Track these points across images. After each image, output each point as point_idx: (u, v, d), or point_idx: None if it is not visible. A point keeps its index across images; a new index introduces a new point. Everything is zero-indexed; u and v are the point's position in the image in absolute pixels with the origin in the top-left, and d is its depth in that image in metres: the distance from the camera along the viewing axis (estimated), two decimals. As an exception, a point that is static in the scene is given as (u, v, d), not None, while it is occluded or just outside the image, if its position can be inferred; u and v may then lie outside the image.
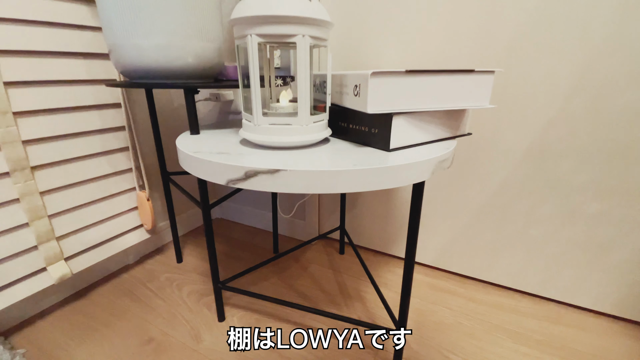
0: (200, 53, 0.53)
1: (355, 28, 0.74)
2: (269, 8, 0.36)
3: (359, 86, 0.41)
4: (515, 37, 0.61)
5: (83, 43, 0.64)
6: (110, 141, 0.72)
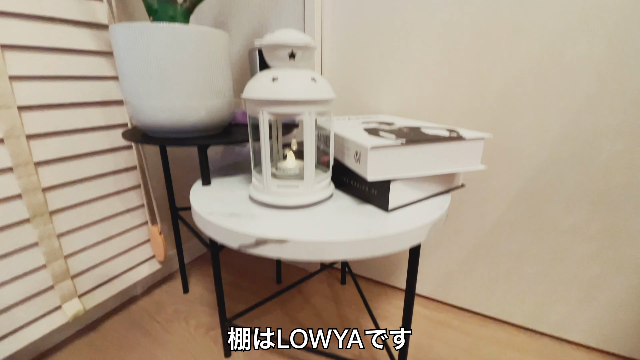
0: (212, 109, 0.57)
1: (357, 74, 0.79)
2: (278, 93, 0.40)
3: (359, 153, 0.45)
4: (506, 88, 0.65)
5: (101, 92, 0.68)
6: (123, 181, 0.75)
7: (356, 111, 0.82)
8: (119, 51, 0.52)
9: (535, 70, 0.62)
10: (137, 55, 0.50)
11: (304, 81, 0.42)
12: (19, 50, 0.56)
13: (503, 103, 0.66)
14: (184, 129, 0.56)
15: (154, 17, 0.56)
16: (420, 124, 0.60)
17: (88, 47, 0.64)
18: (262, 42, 0.42)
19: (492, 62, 0.65)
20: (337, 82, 0.82)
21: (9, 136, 0.56)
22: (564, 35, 0.59)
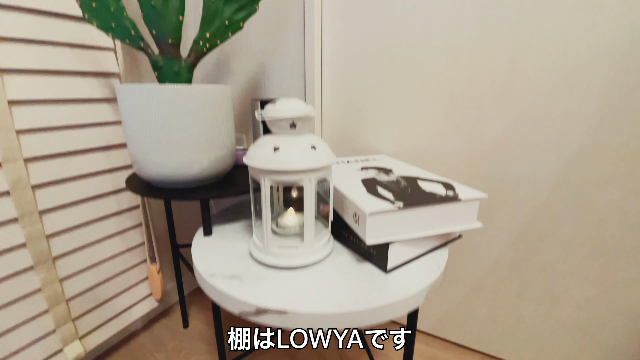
0: (215, 161, 0.59)
1: (356, 115, 0.80)
2: (280, 163, 0.41)
3: (358, 216, 0.46)
4: (501, 135, 0.67)
5: (105, 137, 0.69)
6: (125, 221, 0.76)
7: (355, 150, 0.83)
8: (126, 110, 0.53)
9: (528, 120, 0.64)
10: (143, 115, 0.52)
11: (304, 150, 0.43)
12: (25, 104, 0.57)
13: (498, 149, 0.68)
14: (186, 180, 0.57)
15: (159, 73, 0.58)
16: (418, 172, 0.61)
17: (94, 96, 0.66)
18: (265, 113, 0.43)
19: (487, 109, 0.67)
20: (336, 122, 0.83)
21: (15, 188, 0.57)
22: (556, 87, 0.60)
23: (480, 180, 0.71)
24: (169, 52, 0.57)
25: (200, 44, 0.59)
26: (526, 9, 0.60)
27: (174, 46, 0.57)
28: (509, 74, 0.63)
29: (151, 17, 0.55)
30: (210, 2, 0.58)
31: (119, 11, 0.53)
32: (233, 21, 0.60)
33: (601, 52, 0.57)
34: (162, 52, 0.57)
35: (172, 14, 0.56)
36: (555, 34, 0.59)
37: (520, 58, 0.62)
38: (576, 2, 0.57)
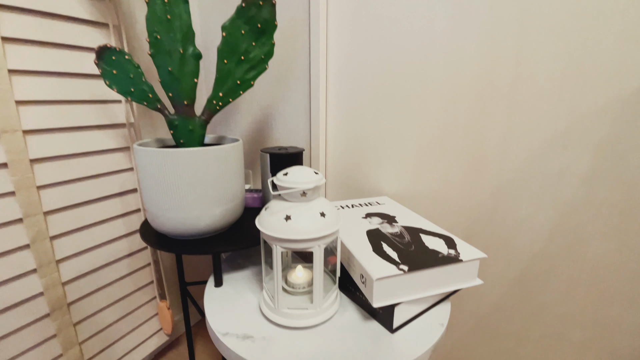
0: (226, 213, 0.61)
1: (358, 158, 0.83)
2: (291, 232, 0.44)
3: (365, 278, 0.48)
4: (500, 183, 0.70)
5: (119, 184, 0.72)
6: (136, 262, 0.79)
7: (358, 190, 0.86)
8: (142, 169, 0.56)
9: (526, 171, 0.67)
10: (159, 175, 0.55)
11: (314, 218, 0.46)
12: (46, 161, 0.60)
13: (498, 195, 0.70)
14: (198, 233, 0.60)
15: (174, 131, 0.61)
16: (420, 222, 0.64)
17: (110, 146, 0.69)
18: (277, 182, 0.46)
19: (487, 158, 0.70)
20: (340, 163, 0.86)
21: (34, 241, 0.59)
22: (552, 143, 0.64)
23: (480, 224, 0.74)
24: (184, 112, 0.61)
25: (213, 102, 0.62)
26: (522, 70, 0.63)
27: (189, 106, 0.61)
28: (507, 127, 0.66)
29: (168, 82, 0.58)
30: (223, 64, 0.61)
31: (138, 77, 0.57)
32: (244, 80, 0.64)
33: (595, 113, 0.60)
34: (177, 112, 0.60)
35: (187, 78, 0.59)
36: (552, 92, 0.62)
37: (517, 113, 0.65)
38: (571, 64, 0.60)
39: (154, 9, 0.55)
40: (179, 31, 0.57)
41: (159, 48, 0.56)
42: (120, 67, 0.56)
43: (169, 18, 0.56)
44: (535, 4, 0.60)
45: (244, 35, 0.61)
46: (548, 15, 0.60)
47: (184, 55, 0.58)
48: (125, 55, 0.56)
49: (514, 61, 0.63)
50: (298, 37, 0.81)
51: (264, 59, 0.64)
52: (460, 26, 0.66)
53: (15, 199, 0.56)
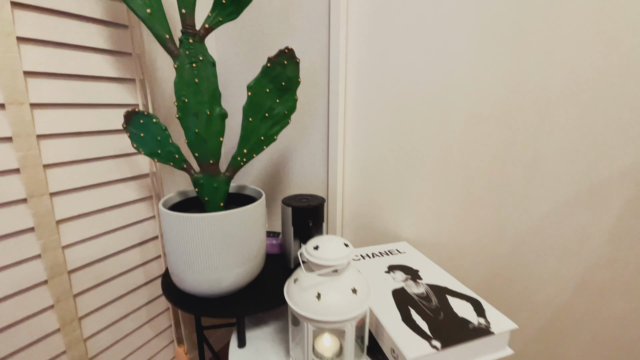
0: (249, 271, 0.61)
1: (376, 200, 0.83)
2: (323, 313, 0.44)
3: (397, 353, 0.48)
4: (524, 234, 0.69)
5: (140, 234, 0.72)
6: (154, 308, 0.78)
7: (376, 235, 0.85)
8: (167, 231, 0.56)
9: (550, 225, 0.66)
10: (184, 239, 0.55)
11: (346, 296, 0.45)
12: (71, 220, 0.60)
13: (521, 247, 0.70)
14: (219, 292, 0.60)
15: (199, 189, 0.61)
16: (445, 280, 0.63)
17: (131, 198, 0.69)
18: (308, 257, 0.46)
19: (509, 209, 0.69)
20: (357, 206, 0.86)
21: (53, 276, 0.59)
22: (576, 200, 0.63)
23: (502, 276, 0.73)
24: (209, 170, 0.61)
25: (238, 159, 0.63)
26: (548, 126, 0.63)
27: (214, 164, 0.61)
28: (531, 179, 0.66)
29: (195, 142, 0.58)
30: (248, 122, 0.62)
31: (165, 139, 0.57)
32: (268, 135, 0.64)
33: (619, 174, 0.59)
34: (202, 171, 0.61)
35: (213, 138, 0.59)
36: (578, 151, 0.62)
37: (542, 167, 0.64)
38: (598, 124, 0.60)
39: (182, 74, 0.55)
40: (206, 93, 0.57)
41: (187, 111, 0.57)
42: (148, 130, 0.56)
43: (196, 82, 0.56)
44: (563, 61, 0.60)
45: (269, 94, 0.62)
46: (577, 69, 0.59)
47: (210, 116, 0.58)
48: (153, 119, 0.56)
49: (539, 114, 0.63)
50: (317, 81, 0.81)
51: (287, 114, 0.64)
52: (481, 72, 0.66)
53: (41, 260, 0.56)
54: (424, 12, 0.68)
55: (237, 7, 0.56)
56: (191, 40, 0.55)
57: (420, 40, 0.69)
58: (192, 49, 0.55)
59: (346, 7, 0.75)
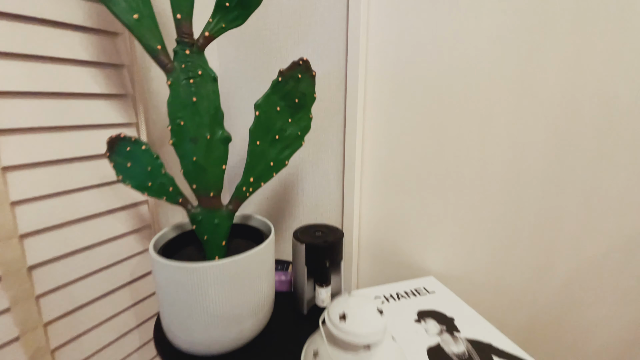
0: (255, 323, 0.51)
1: (396, 229, 0.73)
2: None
3: None
4: (573, 276, 0.59)
5: (131, 271, 0.63)
6: (147, 354, 0.69)
7: (400, 269, 0.75)
8: (161, 283, 0.47)
9: (602, 272, 0.56)
10: (180, 292, 0.45)
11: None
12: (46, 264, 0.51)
13: (569, 289, 0.59)
14: (221, 351, 0.50)
15: (197, 227, 0.52)
16: (487, 333, 0.53)
17: (122, 231, 0.60)
18: (332, 329, 0.36)
19: (559, 243, 0.59)
20: (378, 237, 0.76)
21: (25, 331, 0.49)
22: (636, 240, 0.53)
23: (546, 321, 0.63)
24: (209, 204, 0.51)
25: (243, 189, 0.53)
26: (604, 163, 0.53)
27: (215, 197, 0.52)
28: (583, 217, 0.56)
29: (192, 173, 0.49)
30: (255, 146, 0.52)
31: (157, 169, 0.48)
32: (278, 160, 0.55)
33: None
34: (201, 205, 0.51)
35: (214, 166, 0.50)
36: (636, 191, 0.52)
37: (599, 204, 0.54)
38: None
39: (177, 92, 0.46)
40: (206, 114, 0.48)
41: (183, 136, 0.47)
42: (136, 159, 0.47)
43: (194, 101, 0.47)
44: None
45: (279, 112, 0.52)
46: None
47: (211, 140, 0.49)
48: (141, 146, 0.47)
49: (598, 141, 0.53)
50: (332, 93, 0.72)
51: (300, 135, 0.55)
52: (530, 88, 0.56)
53: (10, 314, 0.47)
54: (464, 12, 0.58)
55: (243, 11, 0.47)
56: (188, 51, 0.46)
57: (457, 46, 0.59)
58: (189, 61, 0.46)
59: (367, 9, 0.65)
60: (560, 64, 0.53)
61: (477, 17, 0.57)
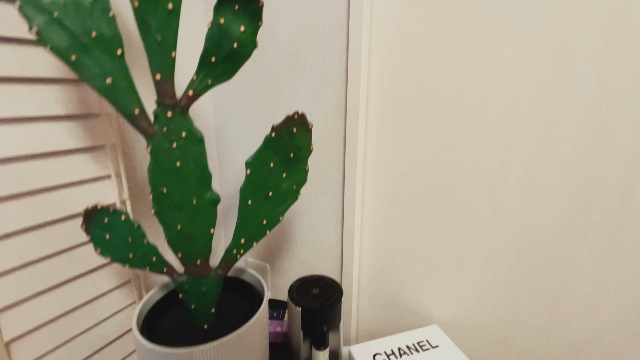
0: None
1: (397, 270, 0.70)
2: None
3: None
4: (587, 337, 0.55)
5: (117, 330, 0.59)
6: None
7: (400, 315, 0.72)
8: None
9: (619, 327, 0.52)
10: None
11: None
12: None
13: (582, 348, 0.56)
14: None
15: (184, 295, 0.48)
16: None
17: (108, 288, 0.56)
18: None
19: (573, 300, 0.55)
20: (377, 276, 0.72)
21: None
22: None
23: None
24: (197, 271, 0.47)
25: (233, 252, 0.49)
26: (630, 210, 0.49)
27: (203, 264, 0.48)
28: (604, 272, 0.52)
29: (176, 241, 0.45)
30: (247, 206, 0.48)
31: (138, 239, 0.44)
32: (272, 217, 0.50)
33: None
34: (187, 272, 0.47)
35: (202, 232, 0.46)
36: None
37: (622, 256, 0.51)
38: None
39: (158, 158, 0.41)
40: (192, 177, 0.44)
41: (166, 204, 0.43)
42: (115, 230, 0.43)
43: (178, 166, 0.42)
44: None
45: (273, 168, 0.48)
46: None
47: (197, 205, 0.45)
48: (121, 216, 0.43)
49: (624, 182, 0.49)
50: (329, 131, 0.67)
51: (296, 189, 0.51)
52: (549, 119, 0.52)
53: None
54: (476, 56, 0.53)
55: (231, 66, 0.43)
56: (170, 113, 0.41)
57: (467, 89, 0.55)
58: (171, 124, 0.41)
59: (368, 46, 0.60)
60: (581, 112, 0.49)
61: (490, 62, 0.52)
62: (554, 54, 0.48)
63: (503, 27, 0.50)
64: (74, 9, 0.34)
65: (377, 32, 0.60)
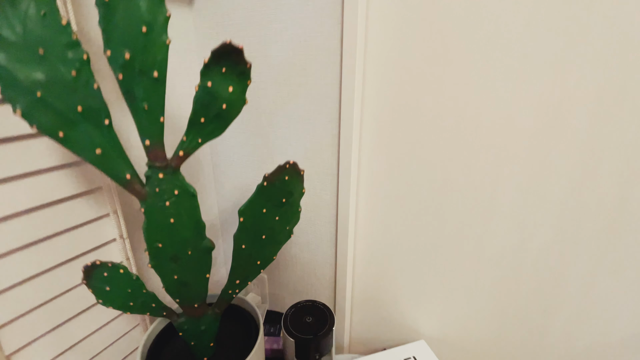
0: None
1: (386, 284, 0.73)
2: None
3: None
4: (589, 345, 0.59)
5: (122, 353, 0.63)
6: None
7: (393, 332, 0.76)
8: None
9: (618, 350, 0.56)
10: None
11: None
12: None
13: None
14: None
15: (183, 334, 0.51)
16: None
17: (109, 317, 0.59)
18: None
19: (558, 322, 0.59)
20: (367, 290, 0.76)
21: None
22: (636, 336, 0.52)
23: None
24: (194, 313, 0.50)
25: (229, 292, 0.52)
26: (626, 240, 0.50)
27: (200, 306, 0.50)
28: (582, 304, 0.55)
29: (174, 289, 0.47)
30: (241, 250, 0.50)
31: (137, 289, 0.46)
32: (266, 257, 0.52)
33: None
34: (186, 314, 0.50)
35: (198, 277, 0.48)
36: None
37: (625, 284, 0.53)
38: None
39: (152, 217, 0.43)
40: (186, 230, 0.45)
41: (162, 257, 0.45)
42: (115, 283, 0.45)
43: (172, 222, 0.44)
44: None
45: (266, 214, 0.49)
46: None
47: (192, 255, 0.46)
48: (119, 270, 0.44)
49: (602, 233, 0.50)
50: (323, 159, 0.68)
51: (289, 229, 0.52)
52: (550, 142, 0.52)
53: None
54: (471, 84, 0.52)
55: (221, 124, 0.42)
56: (162, 174, 0.42)
57: (464, 114, 0.55)
58: (163, 184, 0.42)
59: (362, 77, 0.59)
60: (577, 143, 0.49)
61: (488, 87, 0.51)
62: (553, 64, 0.48)
63: (503, 65, 0.49)
64: (58, 86, 0.34)
65: (371, 59, 0.58)
